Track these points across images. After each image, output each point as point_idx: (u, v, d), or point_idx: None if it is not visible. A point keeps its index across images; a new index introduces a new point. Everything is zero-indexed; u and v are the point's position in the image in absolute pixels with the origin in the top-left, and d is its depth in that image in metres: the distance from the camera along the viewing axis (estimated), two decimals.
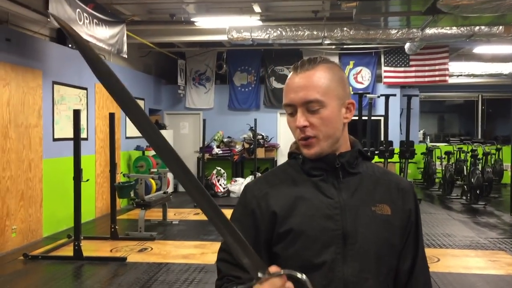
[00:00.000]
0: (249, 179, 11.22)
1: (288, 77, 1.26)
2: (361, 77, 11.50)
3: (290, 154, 1.35)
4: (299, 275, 1.05)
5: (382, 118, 11.57)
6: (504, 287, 4.88)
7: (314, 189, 1.24)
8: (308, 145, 1.23)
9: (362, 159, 1.32)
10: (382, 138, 11.00)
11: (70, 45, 7.71)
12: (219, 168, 11.33)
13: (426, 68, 11.40)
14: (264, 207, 1.24)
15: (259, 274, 1.05)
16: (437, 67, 11.35)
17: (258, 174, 10.70)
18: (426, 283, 1.33)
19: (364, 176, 1.28)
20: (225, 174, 11.36)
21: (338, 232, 1.20)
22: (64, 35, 7.54)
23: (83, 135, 7.87)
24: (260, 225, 1.24)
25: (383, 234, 1.23)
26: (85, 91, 8.18)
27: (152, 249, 6.31)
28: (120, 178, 8.47)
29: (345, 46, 10.70)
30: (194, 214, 8.79)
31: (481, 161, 10.97)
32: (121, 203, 9.21)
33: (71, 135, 5.92)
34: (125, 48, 8.00)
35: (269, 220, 1.23)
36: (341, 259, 1.19)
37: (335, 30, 7.95)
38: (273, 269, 1.05)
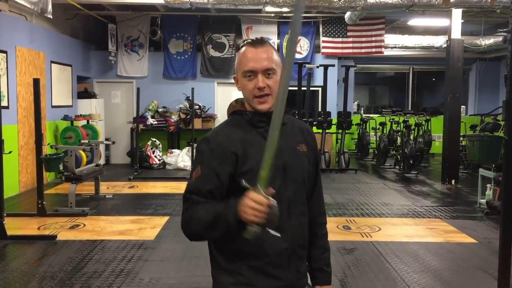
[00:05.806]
0: (185, 150, 10.87)
1: (244, 50, 1.65)
2: (299, 47, 11.36)
3: (234, 112, 1.73)
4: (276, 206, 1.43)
5: (320, 89, 11.58)
6: (444, 254, 4.99)
7: (260, 137, 1.63)
8: (264, 102, 1.64)
9: None
10: (320, 109, 11.01)
11: None
12: (154, 139, 10.88)
13: (363, 39, 11.48)
14: (227, 150, 1.61)
15: (258, 186, 1.42)
16: (373, 39, 11.46)
17: (196, 146, 10.38)
18: (322, 194, 1.91)
19: (288, 125, 1.75)
20: (160, 146, 10.93)
21: (281, 166, 1.63)
22: None
23: (3, 103, 7.18)
24: (227, 162, 1.61)
25: (305, 165, 1.74)
26: (5, 54, 7.41)
27: (84, 225, 5.90)
28: (47, 150, 7.85)
29: (284, 15, 10.49)
30: (128, 188, 8.38)
31: (413, 131, 11.30)
32: (48, 176, 8.59)
33: None
34: (49, 7, 7.30)
35: (232, 159, 1.61)
36: (283, 185, 1.64)
37: None
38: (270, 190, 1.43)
